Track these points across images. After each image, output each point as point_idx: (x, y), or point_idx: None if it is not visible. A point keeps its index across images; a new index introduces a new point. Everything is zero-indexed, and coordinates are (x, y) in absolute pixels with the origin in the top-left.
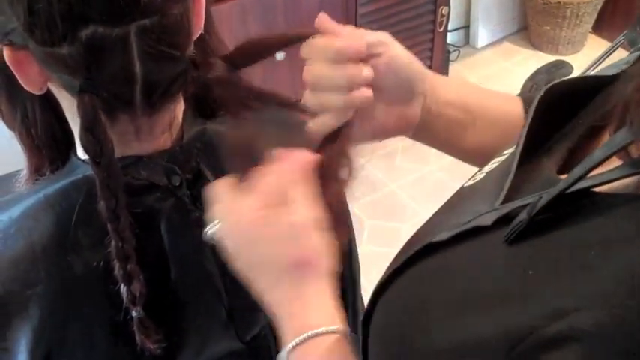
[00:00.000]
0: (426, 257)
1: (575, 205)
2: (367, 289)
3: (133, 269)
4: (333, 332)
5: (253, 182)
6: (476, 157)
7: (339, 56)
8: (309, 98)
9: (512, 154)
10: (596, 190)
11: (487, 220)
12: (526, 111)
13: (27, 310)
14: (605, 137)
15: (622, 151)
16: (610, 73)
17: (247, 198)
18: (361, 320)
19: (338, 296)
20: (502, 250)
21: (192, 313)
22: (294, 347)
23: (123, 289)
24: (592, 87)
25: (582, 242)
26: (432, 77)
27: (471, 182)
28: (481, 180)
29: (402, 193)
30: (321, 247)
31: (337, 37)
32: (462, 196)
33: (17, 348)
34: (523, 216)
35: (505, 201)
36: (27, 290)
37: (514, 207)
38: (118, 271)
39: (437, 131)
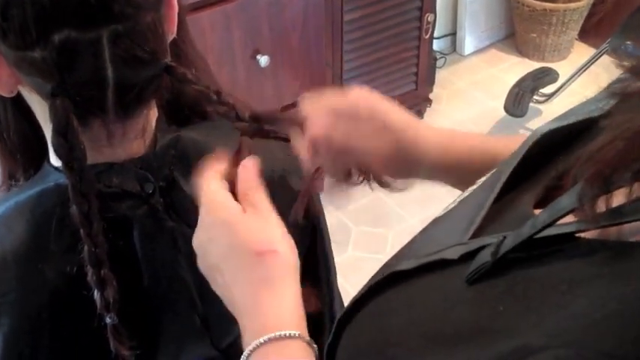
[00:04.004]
0: (390, 287)
1: (540, 249)
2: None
3: (107, 275)
4: (297, 337)
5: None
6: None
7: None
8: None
9: (489, 187)
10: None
11: (453, 253)
12: None
13: None
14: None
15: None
16: (594, 113)
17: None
18: (325, 352)
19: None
20: (467, 287)
21: (165, 320)
22: (256, 348)
23: (96, 295)
24: (576, 133)
25: (549, 282)
26: (414, 130)
27: (444, 212)
28: (453, 209)
29: (388, 199)
30: (285, 241)
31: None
32: (434, 224)
33: None
34: (486, 257)
35: (475, 235)
36: None
37: (482, 244)
38: (90, 277)
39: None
